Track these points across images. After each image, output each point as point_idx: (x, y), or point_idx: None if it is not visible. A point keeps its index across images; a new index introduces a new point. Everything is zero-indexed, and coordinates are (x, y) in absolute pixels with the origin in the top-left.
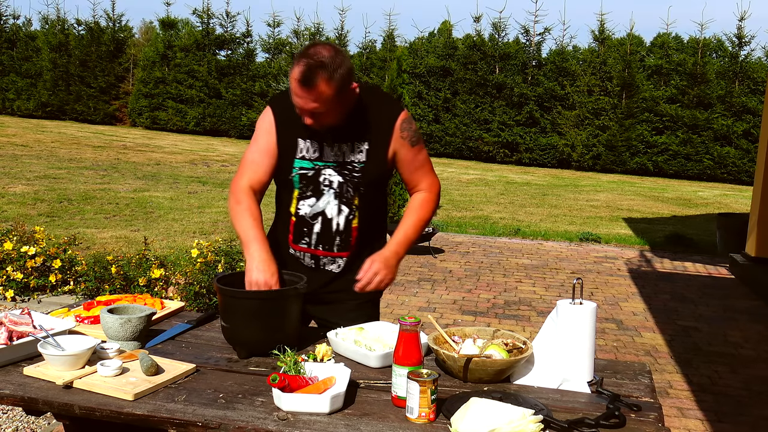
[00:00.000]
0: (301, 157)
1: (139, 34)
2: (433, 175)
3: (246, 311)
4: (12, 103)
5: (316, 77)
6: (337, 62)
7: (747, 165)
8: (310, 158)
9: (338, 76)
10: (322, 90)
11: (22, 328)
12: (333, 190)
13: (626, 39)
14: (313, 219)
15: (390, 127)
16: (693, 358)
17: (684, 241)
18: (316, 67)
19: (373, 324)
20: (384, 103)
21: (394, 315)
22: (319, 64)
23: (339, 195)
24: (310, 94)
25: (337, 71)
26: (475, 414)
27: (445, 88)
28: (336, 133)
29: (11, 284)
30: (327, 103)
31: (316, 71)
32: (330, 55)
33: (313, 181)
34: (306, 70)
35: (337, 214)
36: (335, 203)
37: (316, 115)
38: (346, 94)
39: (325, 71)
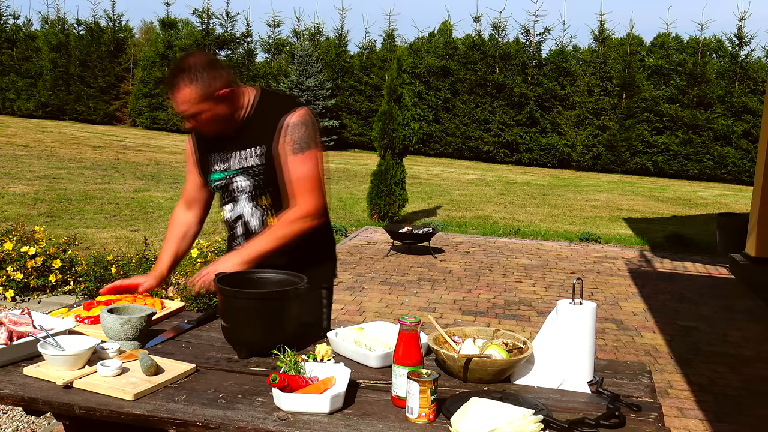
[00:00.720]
0: (214, 170)
1: (139, 34)
2: (315, 194)
3: (246, 311)
4: (12, 103)
5: (179, 81)
6: (199, 66)
7: (747, 165)
8: (221, 169)
9: (200, 79)
10: (186, 93)
11: (22, 328)
12: (246, 194)
13: (626, 39)
14: (235, 222)
15: (278, 129)
16: (693, 358)
17: (684, 241)
18: (178, 72)
19: (373, 324)
20: (278, 105)
21: (394, 315)
22: (181, 69)
23: (252, 198)
24: (176, 96)
25: (198, 74)
26: (475, 414)
27: (445, 88)
28: (236, 141)
29: (11, 284)
30: (192, 104)
31: (177, 76)
32: (194, 61)
33: (227, 189)
34: (169, 76)
35: (251, 215)
36: (250, 205)
37: (192, 118)
38: (215, 96)
39: (187, 75)
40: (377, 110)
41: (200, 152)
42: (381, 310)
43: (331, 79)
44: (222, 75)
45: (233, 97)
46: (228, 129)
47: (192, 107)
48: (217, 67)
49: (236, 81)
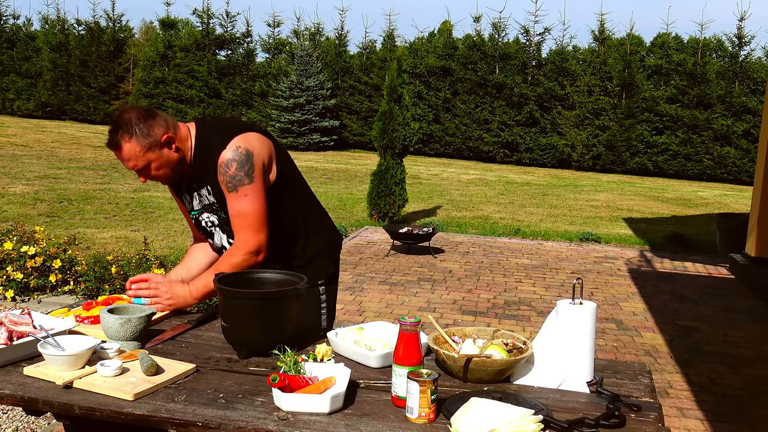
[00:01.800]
0: (190, 209)
1: (139, 34)
2: (251, 231)
3: (246, 311)
4: (12, 103)
5: (118, 138)
6: (134, 119)
7: (747, 165)
8: (190, 209)
9: (138, 131)
10: (127, 148)
11: (22, 328)
12: (217, 227)
13: (626, 39)
14: (220, 254)
15: (215, 169)
16: (693, 358)
17: (684, 241)
18: (116, 130)
19: (373, 324)
20: (212, 142)
21: (394, 315)
22: (117, 125)
23: (224, 229)
24: (122, 155)
25: (134, 127)
26: (475, 414)
27: (445, 88)
28: (192, 182)
29: (11, 284)
30: (138, 159)
31: (116, 133)
32: (128, 116)
33: (200, 226)
34: (109, 134)
35: (228, 245)
36: (224, 237)
37: (144, 172)
38: (159, 144)
39: (124, 131)
40: (377, 110)
41: (176, 192)
42: (381, 310)
43: (331, 79)
44: (159, 122)
45: (176, 140)
46: (185, 172)
47: (139, 161)
48: (151, 115)
49: (175, 124)
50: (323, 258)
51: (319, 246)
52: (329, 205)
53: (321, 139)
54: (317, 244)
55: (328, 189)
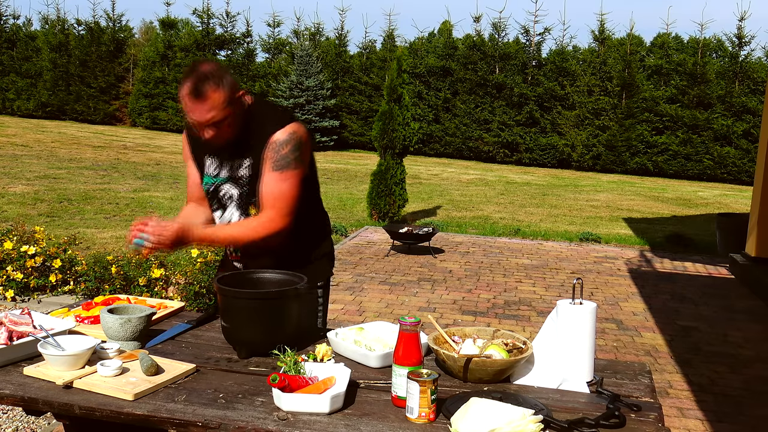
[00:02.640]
0: (207, 174)
1: (139, 34)
2: (282, 213)
3: (246, 311)
4: (12, 103)
5: (206, 87)
6: (221, 71)
7: (747, 165)
8: (211, 174)
9: (225, 84)
10: (214, 98)
11: (22, 328)
12: (234, 202)
13: (626, 39)
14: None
15: (264, 144)
16: (693, 358)
17: (684, 241)
18: (204, 77)
19: (373, 324)
20: (267, 119)
21: (394, 315)
22: (205, 75)
23: (240, 206)
24: (204, 104)
25: (223, 79)
26: (475, 414)
27: (445, 88)
28: (229, 149)
29: (11, 284)
30: (220, 110)
31: (204, 81)
32: (212, 68)
33: (215, 196)
34: (195, 83)
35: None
36: (237, 213)
37: (213, 126)
38: (235, 102)
39: (213, 80)
40: (377, 110)
41: (195, 153)
42: (381, 310)
43: (331, 79)
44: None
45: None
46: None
47: (220, 113)
48: (228, 71)
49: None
50: (326, 260)
51: (325, 247)
52: (329, 205)
53: (321, 139)
54: (323, 246)
55: (328, 189)
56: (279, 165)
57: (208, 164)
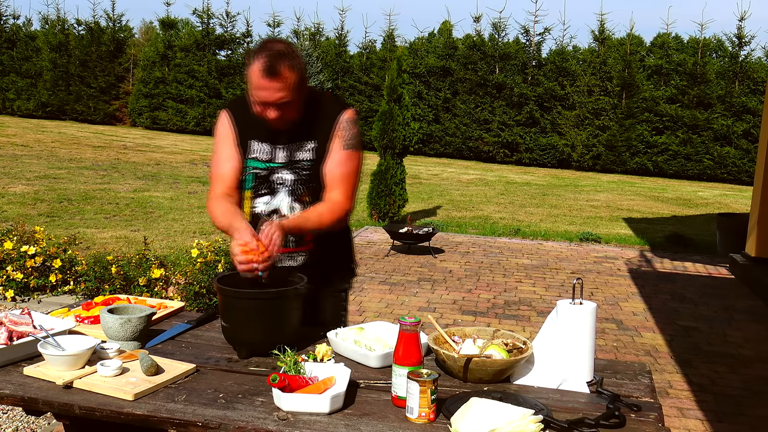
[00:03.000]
0: (253, 158)
1: (139, 34)
2: (349, 195)
3: (246, 311)
4: (12, 103)
5: (280, 66)
6: (294, 51)
7: (747, 165)
8: (263, 159)
9: (298, 64)
10: (287, 77)
11: (22, 328)
12: (286, 188)
13: (626, 39)
14: (269, 216)
15: (333, 124)
16: (693, 358)
17: (684, 241)
18: (279, 56)
19: (373, 324)
20: (331, 102)
21: (394, 315)
22: (280, 53)
23: (292, 192)
24: (276, 83)
25: (295, 58)
26: (475, 414)
27: (445, 88)
28: (286, 134)
29: (11, 284)
30: (292, 90)
31: (279, 60)
32: (286, 46)
33: (266, 180)
34: (269, 61)
35: (289, 210)
36: (288, 200)
37: (281, 107)
38: (304, 84)
39: (287, 59)
40: (377, 110)
41: (241, 134)
42: (381, 310)
43: (331, 79)
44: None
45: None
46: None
47: (291, 93)
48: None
49: None
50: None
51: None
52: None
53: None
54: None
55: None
56: (348, 144)
57: (256, 148)
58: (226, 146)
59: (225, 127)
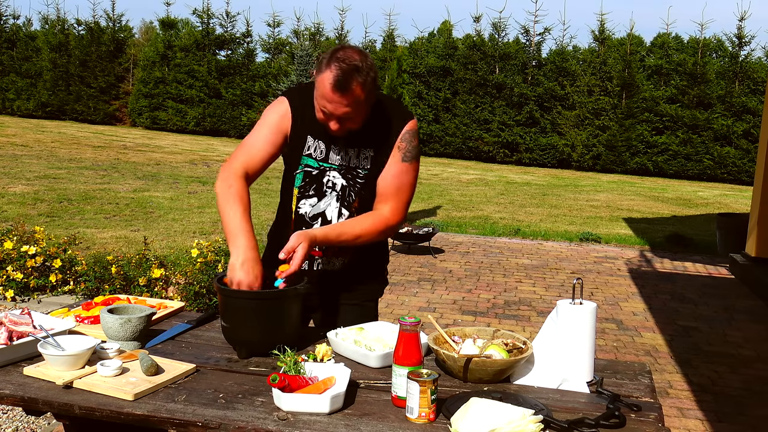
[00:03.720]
0: (308, 155)
1: (139, 34)
2: (401, 209)
3: (246, 311)
4: (12, 103)
5: (352, 82)
6: (368, 66)
7: (747, 165)
8: (316, 158)
9: (370, 80)
10: (357, 94)
11: (22, 328)
12: (336, 193)
13: (626, 39)
14: (313, 219)
15: (395, 136)
16: (693, 358)
17: (684, 241)
18: (352, 71)
19: (373, 324)
20: (395, 111)
21: (394, 315)
22: (355, 69)
23: (341, 198)
24: (344, 98)
25: (369, 75)
26: (475, 414)
27: (445, 88)
28: (347, 137)
29: (11, 284)
30: (358, 107)
31: (351, 75)
32: (361, 59)
33: (316, 181)
34: (341, 75)
35: (337, 216)
36: (336, 206)
37: (344, 120)
38: (372, 97)
39: (360, 75)
40: None
41: (296, 127)
42: (381, 310)
43: None
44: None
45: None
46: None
47: (357, 110)
48: (374, 63)
49: None
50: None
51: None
52: None
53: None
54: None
55: None
56: (409, 156)
57: (312, 145)
58: (270, 130)
59: (281, 113)
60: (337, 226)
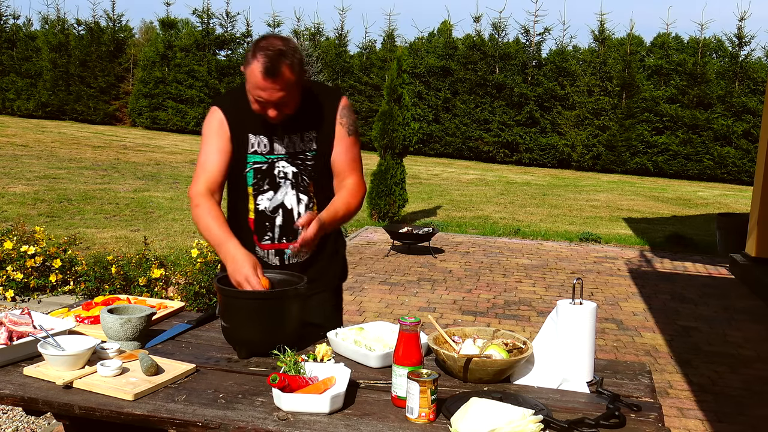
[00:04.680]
0: (253, 152)
1: (139, 34)
2: (362, 176)
3: (246, 311)
4: (12, 103)
5: (281, 65)
6: (293, 48)
7: (747, 165)
8: (262, 152)
9: (297, 62)
10: (287, 77)
11: (22, 328)
12: (289, 181)
13: (626, 39)
14: (274, 212)
15: (333, 114)
16: (693, 358)
17: (684, 241)
18: (278, 56)
19: (373, 324)
20: (324, 91)
21: (394, 315)
22: (280, 53)
23: (295, 185)
24: (276, 83)
25: (295, 56)
26: (475, 414)
27: (445, 88)
28: (285, 125)
29: (11, 284)
30: (291, 89)
31: (279, 60)
32: (284, 44)
33: (268, 174)
34: (269, 61)
35: (296, 203)
36: (293, 193)
37: (280, 105)
38: (302, 79)
39: (287, 58)
40: (377, 110)
41: (235, 130)
42: (381, 310)
43: (331, 79)
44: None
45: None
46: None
47: (291, 91)
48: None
49: None
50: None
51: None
52: None
53: None
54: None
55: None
56: (352, 130)
57: (255, 142)
58: (215, 140)
59: (216, 122)
60: (330, 208)
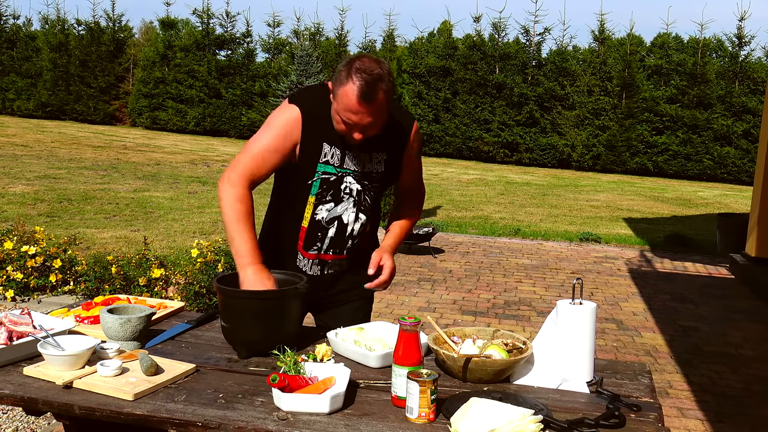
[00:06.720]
0: (325, 162)
1: (139, 34)
2: (423, 184)
3: (246, 311)
4: (12, 103)
5: (377, 91)
6: (388, 72)
7: (747, 165)
8: (334, 164)
9: (391, 86)
10: (381, 102)
11: (22, 328)
12: (353, 198)
13: (626, 39)
14: (329, 224)
15: (406, 138)
16: (693, 358)
17: (684, 241)
18: (376, 81)
19: (373, 324)
20: (399, 114)
21: (394, 315)
22: (378, 77)
23: (357, 203)
24: (370, 108)
25: (390, 81)
26: (475, 414)
27: (445, 88)
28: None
29: (11, 284)
30: (382, 114)
31: (376, 85)
32: (380, 67)
33: (333, 187)
34: (366, 86)
35: (354, 220)
36: (353, 210)
37: (367, 128)
38: (391, 103)
39: (383, 83)
40: None
41: (309, 135)
42: (381, 310)
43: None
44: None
45: None
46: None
47: (381, 117)
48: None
49: None
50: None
51: None
52: None
53: None
54: None
55: None
56: (419, 151)
57: (328, 151)
58: (280, 140)
59: (291, 120)
60: (395, 231)
